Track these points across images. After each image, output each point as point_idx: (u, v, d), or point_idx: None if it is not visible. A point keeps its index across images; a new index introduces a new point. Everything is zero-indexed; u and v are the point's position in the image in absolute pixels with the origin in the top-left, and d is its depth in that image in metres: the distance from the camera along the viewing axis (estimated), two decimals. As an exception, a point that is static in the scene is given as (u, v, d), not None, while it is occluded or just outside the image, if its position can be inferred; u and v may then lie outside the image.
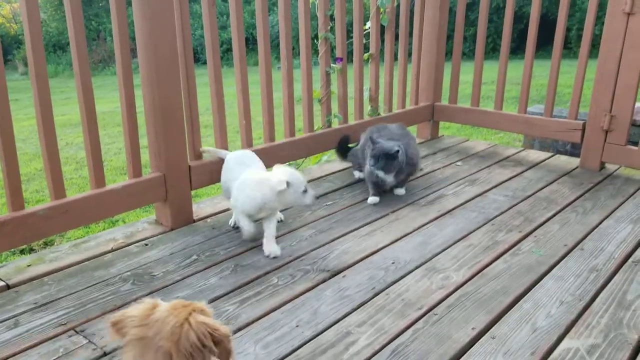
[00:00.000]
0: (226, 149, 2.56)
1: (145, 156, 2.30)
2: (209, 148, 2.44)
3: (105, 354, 1.51)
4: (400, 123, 2.88)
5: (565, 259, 2.02)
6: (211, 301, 1.76)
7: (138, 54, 2.12)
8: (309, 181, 2.85)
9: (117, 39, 2.07)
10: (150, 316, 0.91)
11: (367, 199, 2.59)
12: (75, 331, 1.61)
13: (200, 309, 0.94)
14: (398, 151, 2.47)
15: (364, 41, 3.14)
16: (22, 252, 2.98)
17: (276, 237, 2.20)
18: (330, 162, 3.21)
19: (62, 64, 14.47)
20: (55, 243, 3.11)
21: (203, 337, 0.88)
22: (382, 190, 2.62)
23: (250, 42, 10.08)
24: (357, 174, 2.89)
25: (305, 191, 2.05)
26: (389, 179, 2.55)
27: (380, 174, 2.51)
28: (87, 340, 1.56)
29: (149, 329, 0.88)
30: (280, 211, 2.35)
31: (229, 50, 11.53)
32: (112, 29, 2.09)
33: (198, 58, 11.82)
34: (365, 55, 3.21)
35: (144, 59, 2.11)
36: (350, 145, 3.02)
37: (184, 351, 0.86)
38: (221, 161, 2.36)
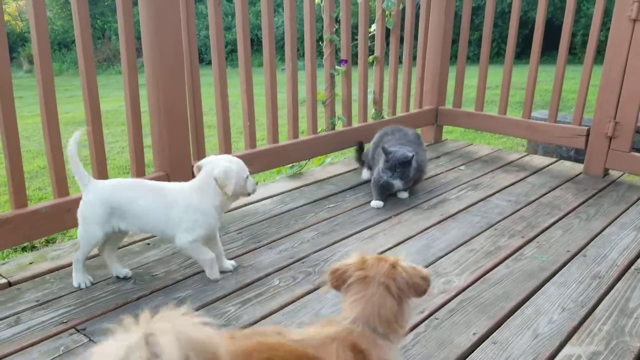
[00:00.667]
0: (229, 150, 2.56)
1: (148, 155, 2.30)
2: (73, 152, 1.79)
3: (105, 353, 1.50)
4: (416, 130, 2.90)
5: (567, 265, 2.01)
6: (212, 302, 1.76)
7: (143, 53, 2.12)
8: (313, 183, 2.85)
9: (123, 38, 2.07)
10: (365, 263, 1.19)
11: (370, 201, 2.59)
12: (76, 329, 1.61)
13: (402, 259, 1.21)
14: (413, 156, 2.52)
15: (369, 44, 3.14)
16: (23, 249, 2.98)
17: (278, 239, 2.20)
18: (333, 165, 3.20)
19: (66, 62, 14.51)
20: (57, 241, 3.11)
21: (412, 276, 1.17)
22: (387, 194, 2.62)
23: (255, 43, 10.09)
24: (365, 175, 2.88)
25: (247, 177, 1.84)
26: (400, 184, 2.57)
27: (397, 182, 2.54)
28: (88, 339, 1.56)
29: (368, 271, 1.16)
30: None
31: (233, 51, 11.56)
32: (117, 28, 2.10)
33: (202, 58, 11.85)
34: (370, 58, 3.21)
35: (149, 59, 2.12)
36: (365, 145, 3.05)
37: (398, 285, 1.15)
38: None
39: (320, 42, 2.96)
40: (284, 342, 1.02)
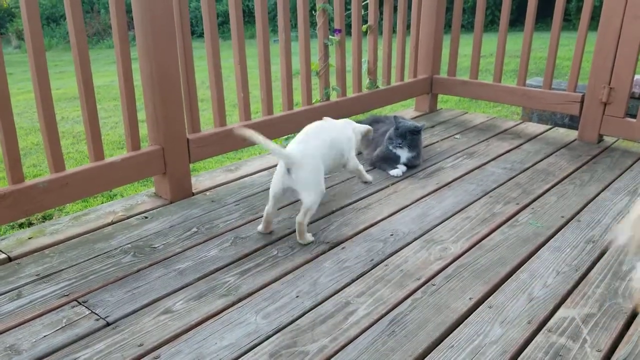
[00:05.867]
0: (224, 123, 2.54)
1: (142, 130, 2.29)
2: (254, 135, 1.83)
3: (108, 324, 1.53)
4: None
5: (562, 230, 2.04)
6: (212, 272, 1.78)
7: (135, 24, 2.09)
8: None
9: (114, 8, 2.04)
10: None
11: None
12: (78, 302, 1.62)
13: None
14: (422, 127, 2.60)
15: (363, 13, 3.11)
16: (20, 225, 2.99)
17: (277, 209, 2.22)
18: (328, 136, 3.19)
19: (55, 37, 14.29)
20: (54, 217, 3.12)
21: None
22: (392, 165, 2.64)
23: (246, 15, 9.95)
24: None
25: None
26: (406, 153, 2.60)
27: (406, 151, 2.59)
28: (90, 311, 1.58)
29: None
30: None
31: (224, 22, 11.41)
32: (105, 1, 2.06)
33: (193, 31, 11.70)
34: (364, 27, 3.18)
35: (140, 30, 2.09)
36: None
37: None
38: (217, 135, 2.35)
39: (313, 12, 2.93)
40: None
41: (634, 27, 2.67)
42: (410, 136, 2.57)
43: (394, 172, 2.58)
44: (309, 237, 1.99)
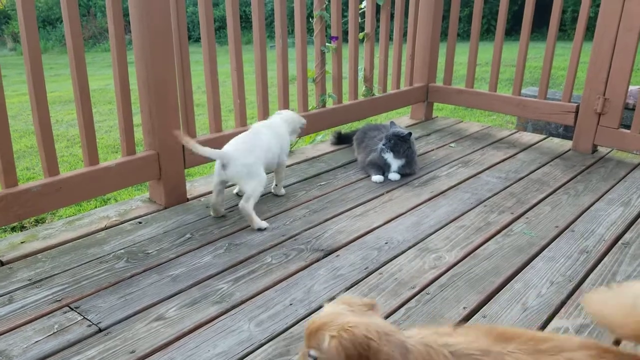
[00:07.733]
0: (219, 128, 2.54)
1: (137, 134, 2.28)
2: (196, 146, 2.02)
3: (100, 330, 1.52)
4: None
5: (556, 240, 2.04)
6: (205, 279, 1.77)
7: (132, 28, 2.09)
8: (304, 161, 2.85)
9: (110, 13, 2.03)
10: None
11: (361, 179, 2.60)
12: (70, 307, 1.61)
13: None
14: (410, 134, 2.59)
15: (360, 20, 3.12)
16: (13, 229, 2.96)
17: (270, 217, 2.21)
18: (324, 143, 3.20)
19: (51, 39, 14.24)
20: (47, 221, 3.10)
21: None
22: (382, 171, 2.64)
23: (243, 20, 9.95)
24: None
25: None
26: (391, 158, 2.59)
27: (389, 154, 2.58)
28: (82, 317, 1.57)
29: None
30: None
31: (221, 28, 11.41)
32: (102, 5, 2.06)
33: (190, 36, 11.69)
34: (361, 35, 3.18)
35: (137, 34, 2.09)
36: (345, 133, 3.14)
37: None
38: (212, 141, 2.35)
39: (310, 19, 2.93)
40: None
41: (629, 38, 2.69)
42: (394, 140, 2.57)
43: (375, 177, 2.59)
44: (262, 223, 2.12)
